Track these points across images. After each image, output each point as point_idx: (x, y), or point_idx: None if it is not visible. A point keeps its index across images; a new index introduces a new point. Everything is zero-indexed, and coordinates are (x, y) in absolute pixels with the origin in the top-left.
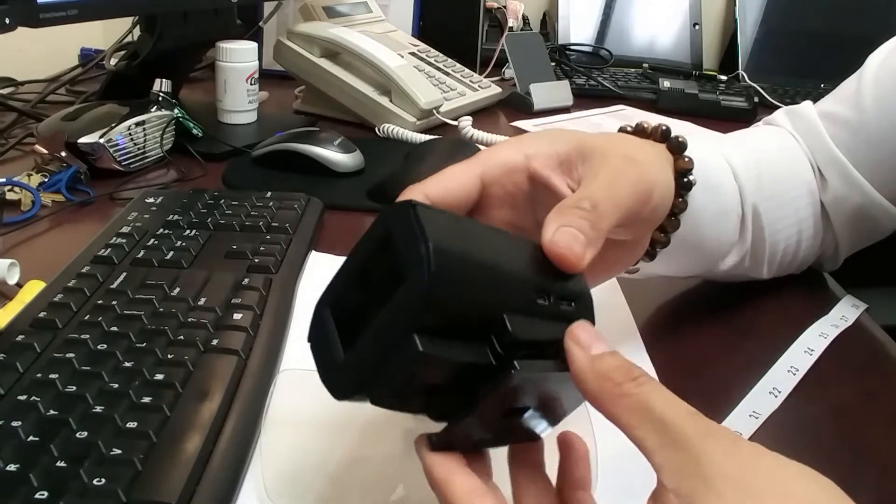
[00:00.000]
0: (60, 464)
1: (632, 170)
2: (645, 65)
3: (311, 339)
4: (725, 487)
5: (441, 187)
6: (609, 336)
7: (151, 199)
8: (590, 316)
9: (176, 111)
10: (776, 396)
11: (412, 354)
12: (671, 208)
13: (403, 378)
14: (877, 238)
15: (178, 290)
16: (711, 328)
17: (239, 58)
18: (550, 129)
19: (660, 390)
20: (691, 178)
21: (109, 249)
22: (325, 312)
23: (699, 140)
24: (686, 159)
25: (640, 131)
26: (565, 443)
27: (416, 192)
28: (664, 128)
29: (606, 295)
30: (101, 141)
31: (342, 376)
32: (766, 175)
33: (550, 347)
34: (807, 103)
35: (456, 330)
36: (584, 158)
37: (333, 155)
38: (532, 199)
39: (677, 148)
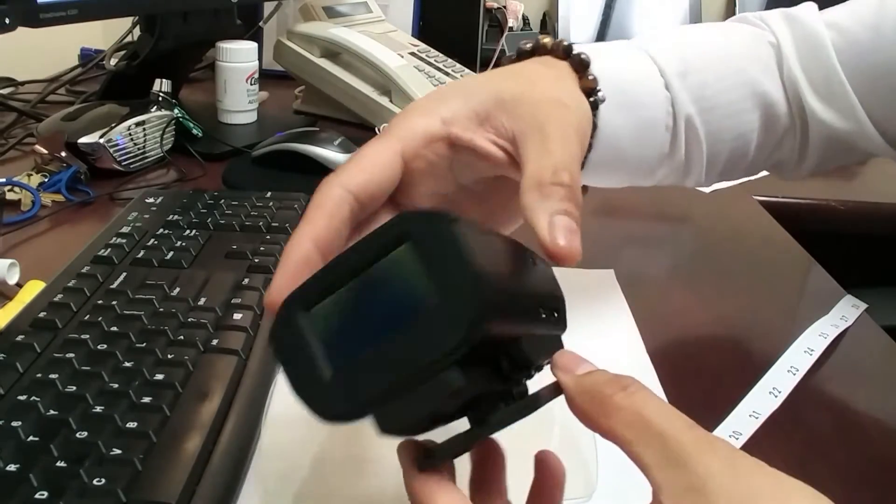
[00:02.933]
0: (60, 464)
1: (568, 115)
2: None
3: (277, 344)
4: None
5: (362, 178)
6: (609, 336)
7: (151, 200)
8: (565, 323)
9: (176, 111)
10: (776, 396)
11: (447, 387)
12: None
13: (422, 408)
14: (846, 163)
15: (178, 290)
16: (711, 328)
17: (239, 58)
18: (458, 82)
19: (653, 400)
20: (598, 96)
21: (109, 249)
22: (301, 317)
23: (621, 49)
24: (590, 77)
25: (539, 48)
26: (543, 463)
27: (335, 188)
28: (566, 44)
29: (606, 295)
30: (101, 141)
31: (335, 397)
32: (710, 83)
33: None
34: (810, 6)
35: (477, 357)
36: (507, 110)
37: (333, 155)
38: (453, 164)
39: (580, 66)
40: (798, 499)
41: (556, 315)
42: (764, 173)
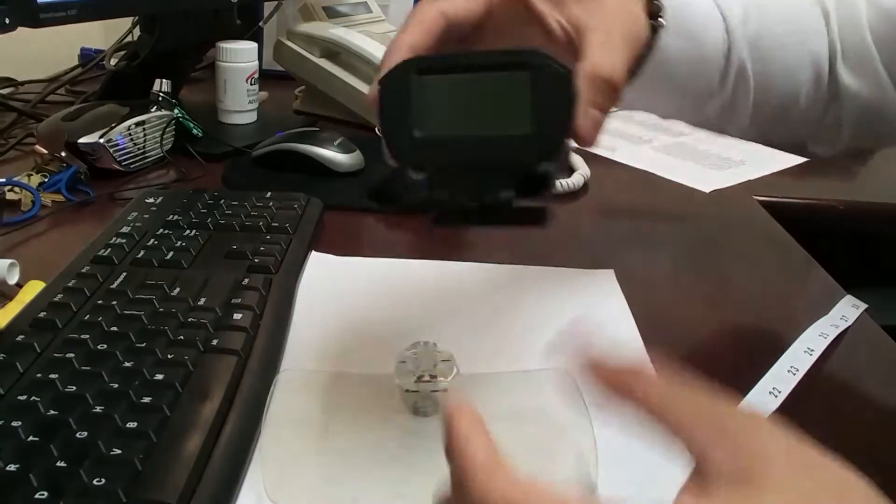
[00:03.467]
0: (60, 464)
1: (630, 26)
2: None
3: (384, 87)
4: (787, 472)
5: (457, 8)
6: (608, 336)
7: (151, 200)
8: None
9: (176, 111)
10: (776, 396)
11: (495, 186)
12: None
13: (465, 185)
14: (883, 138)
15: (177, 290)
16: (711, 328)
17: (239, 58)
18: None
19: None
20: (659, 21)
21: (109, 249)
22: (413, 77)
23: None
24: (655, 3)
25: None
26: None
27: (435, 9)
28: None
29: (606, 295)
30: (101, 141)
31: (415, 144)
32: (766, 35)
33: None
34: None
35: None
36: (582, 3)
37: (333, 155)
38: (520, 24)
39: None
40: (855, 497)
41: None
42: (764, 173)
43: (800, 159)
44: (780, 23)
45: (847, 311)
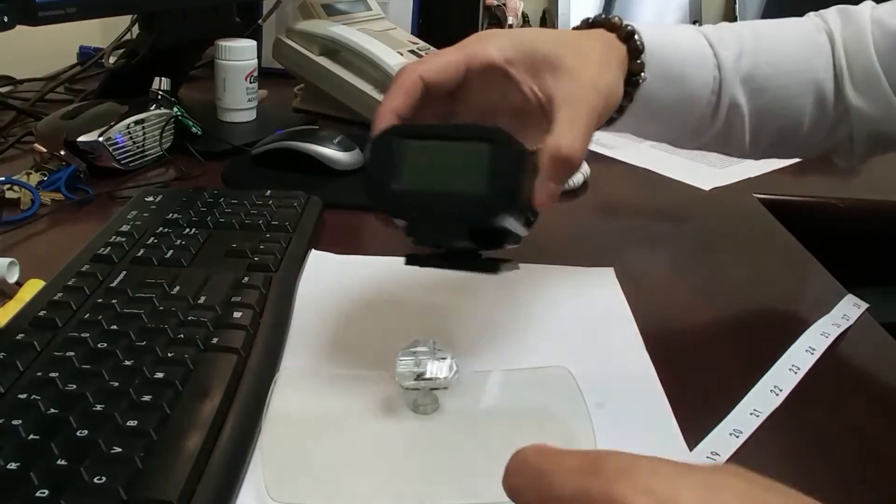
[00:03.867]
0: (61, 462)
1: (599, 102)
2: None
3: (374, 145)
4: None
5: (436, 74)
6: (608, 335)
7: (151, 198)
8: (532, 226)
9: (175, 109)
10: (777, 395)
11: (458, 229)
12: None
13: (435, 233)
14: (893, 151)
15: (177, 288)
16: (711, 327)
17: (238, 56)
18: (534, 30)
19: None
20: (640, 77)
21: (109, 248)
22: (396, 139)
23: (681, 30)
24: (639, 62)
25: (604, 24)
26: None
27: (415, 75)
28: (629, 28)
29: (605, 293)
30: (101, 139)
31: (394, 194)
32: (762, 66)
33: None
34: (867, 4)
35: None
36: (557, 77)
37: (333, 153)
38: (498, 87)
39: (634, 52)
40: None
41: (531, 220)
42: (764, 171)
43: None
44: (779, 54)
45: (848, 310)
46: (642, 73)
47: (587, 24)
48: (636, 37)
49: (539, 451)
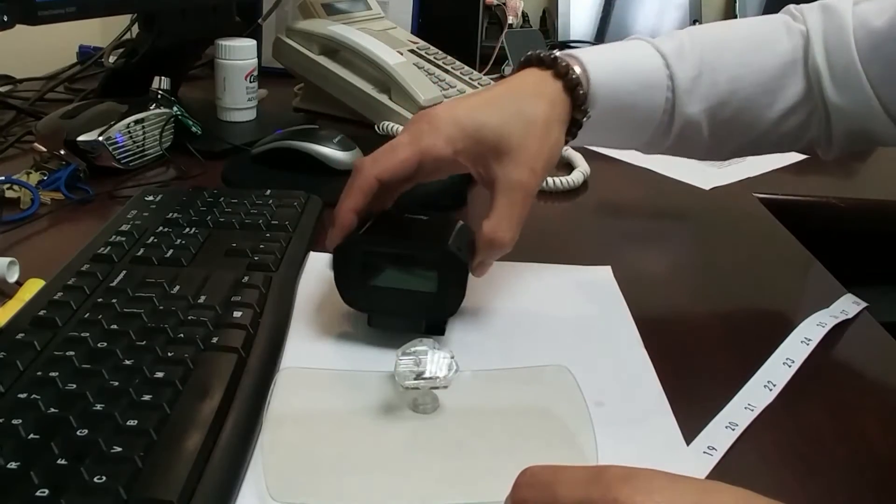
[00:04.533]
0: (61, 461)
1: (535, 182)
2: None
3: (337, 256)
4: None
5: (390, 173)
6: (605, 332)
7: (151, 198)
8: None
9: (175, 109)
10: (771, 390)
11: (416, 327)
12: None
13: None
14: (872, 146)
15: (177, 288)
16: (709, 325)
17: (238, 55)
18: (478, 109)
19: None
20: (583, 120)
21: (109, 247)
22: (356, 252)
23: (632, 50)
24: (582, 109)
25: (541, 62)
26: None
27: (371, 177)
28: (574, 78)
29: (603, 291)
30: (101, 139)
31: (359, 297)
32: (722, 82)
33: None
34: (848, 1)
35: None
36: (499, 158)
37: (333, 153)
38: (449, 168)
39: (577, 101)
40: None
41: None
42: (764, 170)
43: (800, 156)
44: (742, 66)
45: (847, 306)
46: (585, 118)
47: (538, 61)
48: (579, 89)
49: (545, 466)
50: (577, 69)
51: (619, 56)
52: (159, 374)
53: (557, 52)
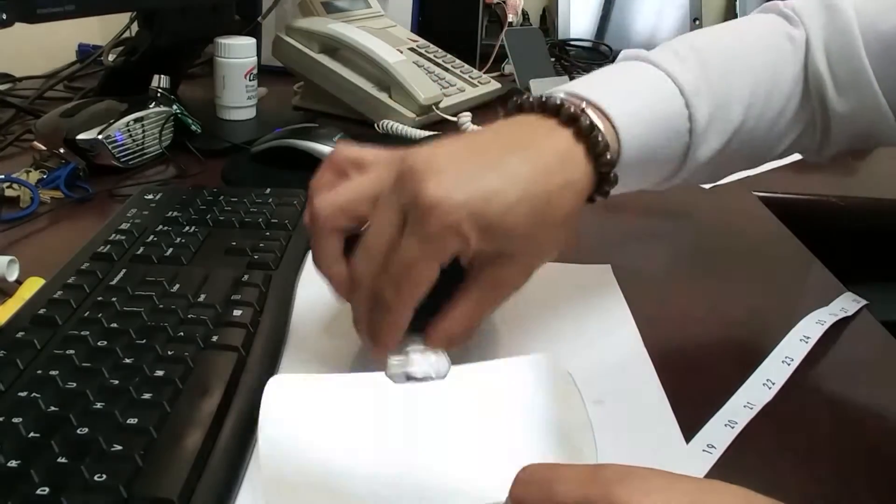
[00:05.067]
0: (61, 460)
1: (523, 283)
2: None
3: None
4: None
5: (349, 211)
6: (605, 331)
7: (150, 196)
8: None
9: (174, 107)
10: (770, 388)
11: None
12: (591, 195)
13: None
14: (872, 147)
15: (177, 286)
16: (709, 323)
17: (237, 53)
18: (499, 214)
19: None
20: (612, 176)
21: (109, 246)
22: None
23: (663, 92)
24: (606, 158)
25: (544, 108)
26: None
27: (329, 206)
28: (599, 149)
29: (603, 290)
30: (100, 137)
31: None
32: (734, 112)
33: None
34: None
35: None
36: (500, 253)
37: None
38: None
39: (594, 148)
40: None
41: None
42: (764, 169)
43: (799, 155)
44: (747, 95)
45: (847, 304)
46: (611, 174)
47: (554, 110)
48: (607, 154)
49: (544, 464)
50: (601, 124)
51: (647, 102)
52: (159, 373)
53: (578, 100)
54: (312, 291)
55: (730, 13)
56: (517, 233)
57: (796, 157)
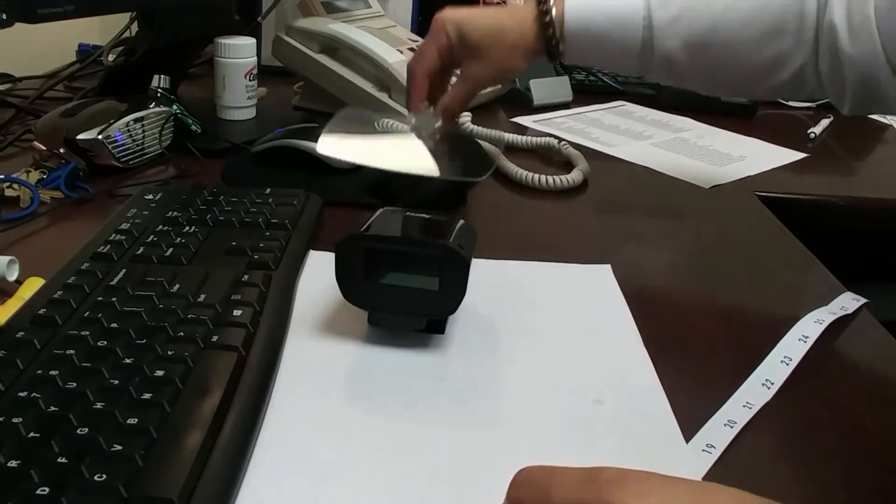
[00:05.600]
0: (61, 460)
1: (484, 81)
2: None
3: (339, 252)
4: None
5: (427, 67)
6: (605, 331)
7: (150, 196)
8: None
9: (174, 107)
10: (769, 388)
11: (410, 326)
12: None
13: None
14: (878, 104)
15: (177, 286)
16: (709, 323)
17: (237, 53)
18: (469, 24)
19: None
20: (559, 53)
21: (109, 246)
22: (360, 249)
23: None
24: (553, 44)
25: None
26: None
27: (418, 73)
28: (547, 20)
29: (603, 290)
30: (100, 137)
31: (361, 294)
32: (701, 30)
33: None
34: None
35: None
36: (469, 57)
37: None
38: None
39: (548, 40)
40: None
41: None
42: (764, 169)
43: (800, 155)
44: (728, 16)
45: (847, 303)
46: (560, 51)
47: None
48: (550, 29)
49: (542, 466)
50: (555, 10)
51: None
52: (159, 373)
53: None
54: (312, 291)
55: None
56: (478, 43)
57: (796, 157)
